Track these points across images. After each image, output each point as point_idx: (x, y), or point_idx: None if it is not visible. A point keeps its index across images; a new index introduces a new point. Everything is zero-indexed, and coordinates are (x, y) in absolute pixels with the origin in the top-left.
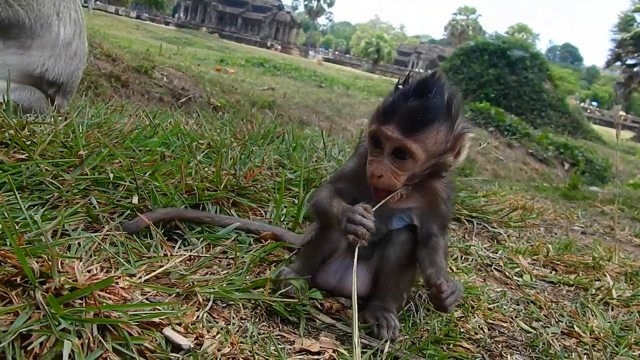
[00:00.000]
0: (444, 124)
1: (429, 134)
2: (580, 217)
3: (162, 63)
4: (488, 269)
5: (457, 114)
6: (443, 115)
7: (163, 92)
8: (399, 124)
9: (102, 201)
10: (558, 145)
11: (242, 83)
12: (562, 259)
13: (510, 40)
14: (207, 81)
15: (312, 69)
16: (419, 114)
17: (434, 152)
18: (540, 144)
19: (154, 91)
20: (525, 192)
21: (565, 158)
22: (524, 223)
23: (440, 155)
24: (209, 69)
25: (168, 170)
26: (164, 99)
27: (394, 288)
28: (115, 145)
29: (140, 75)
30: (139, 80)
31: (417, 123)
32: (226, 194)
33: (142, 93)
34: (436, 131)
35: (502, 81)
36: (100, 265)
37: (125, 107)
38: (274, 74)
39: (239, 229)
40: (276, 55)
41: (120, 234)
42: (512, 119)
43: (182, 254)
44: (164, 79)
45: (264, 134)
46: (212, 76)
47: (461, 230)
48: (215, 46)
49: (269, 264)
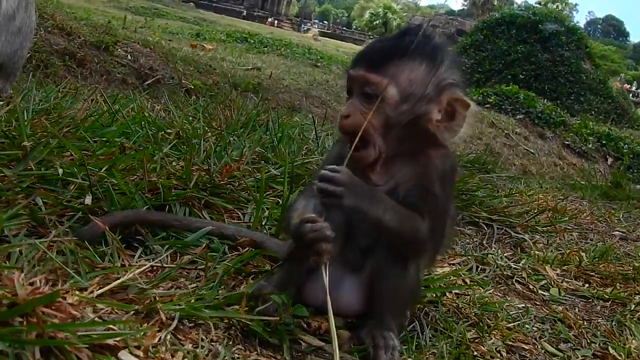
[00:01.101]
0: (422, 63)
1: (401, 68)
2: (622, 221)
3: (126, 38)
4: (509, 282)
5: (442, 60)
6: (421, 53)
7: (127, 73)
8: (366, 61)
9: (49, 202)
10: (599, 136)
11: (222, 62)
12: (597, 269)
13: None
14: (179, 59)
15: (306, 45)
16: (390, 49)
17: (409, 93)
18: (578, 134)
19: (115, 71)
20: (557, 191)
21: (608, 151)
22: (553, 227)
23: (418, 101)
24: (183, 45)
25: (128, 165)
26: (128, 81)
27: (392, 302)
28: (66, 135)
29: (100, 52)
30: (98, 59)
31: (387, 56)
32: (197, 193)
33: (102, 73)
34: (410, 68)
35: (532, 60)
36: (45, 277)
37: (80, 90)
38: (260, 51)
39: (212, 234)
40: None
41: (70, 240)
42: (544, 105)
43: (143, 264)
44: (128, 57)
45: (244, 121)
46: (186, 53)
47: (479, 236)
48: (190, 18)
49: (246, 276)
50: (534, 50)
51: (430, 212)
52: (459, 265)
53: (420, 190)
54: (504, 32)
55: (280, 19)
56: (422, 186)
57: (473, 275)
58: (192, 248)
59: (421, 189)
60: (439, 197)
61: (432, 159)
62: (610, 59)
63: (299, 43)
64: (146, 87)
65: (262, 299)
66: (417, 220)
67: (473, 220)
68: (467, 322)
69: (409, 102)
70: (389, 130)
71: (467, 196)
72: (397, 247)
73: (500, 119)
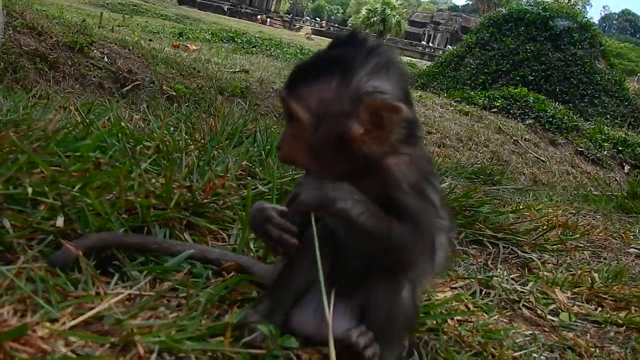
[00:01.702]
0: (333, 78)
1: (311, 88)
2: (639, 236)
3: (102, 38)
4: (515, 306)
5: (359, 67)
6: (332, 67)
7: (103, 76)
8: (288, 83)
9: (17, 224)
10: (615, 142)
11: (207, 64)
12: (610, 292)
13: (553, 7)
14: (160, 61)
15: (298, 45)
16: (305, 68)
17: (323, 112)
18: (592, 140)
19: (91, 74)
20: (569, 205)
21: (625, 158)
22: (563, 245)
23: (334, 119)
24: (164, 45)
25: (103, 183)
26: (105, 85)
27: (385, 330)
28: (37, 150)
29: (74, 53)
30: (72, 61)
31: (300, 78)
32: (178, 213)
33: (76, 77)
34: (319, 86)
35: (543, 60)
36: (14, 308)
37: (53, 97)
38: (248, 52)
39: (194, 258)
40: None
41: (40, 266)
42: (556, 108)
43: (120, 292)
44: (105, 59)
45: (230, 132)
46: (167, 55)
47: (483, 256)
48: (172, 15)
49: (231, 304)
50: (544, 49)
51: (405, 221)
52: (462, 289)
53: (383, 203)
54: (511, 30)
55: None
56: (385, 198)
57: (477, 300)
58: (173, 274)
59: (384, 201)
60: (410, 206)
61: (393, 168)
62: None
63: (290, 42)
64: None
65: (249, 329)
66: (392, 221)
67: (477, 238)
68: (470, 351)
69: (324, 123)
70: (319, 153)
71: (471, 212)
72: (380, 258)
73: (508, 124)
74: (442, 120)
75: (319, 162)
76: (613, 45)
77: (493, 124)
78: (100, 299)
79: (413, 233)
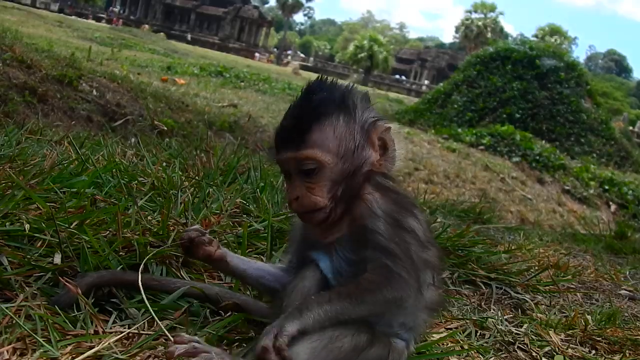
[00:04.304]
0: (339, 115)
1: (323, 132)
2: (629, 278)
3: (91, 71)
4: (510, 348)
5: (355, 104)
6: (333, 106)
7: (92, 109)
8: (289, 142)
9: (15, 261)
10: (602, 181)
11: (195, 98)
12: (604, 334)
13: (539, 46)
14: (149, 95)
15: (286, 80)
16: (305, 118)
17: (343, 150)
18: (579, 178)
19: (80, 108)
20: (559, 245)
21: (611, 197)
22: (556, 287)
23: (354, 153)
24: (153, 79)
25: (100, 220)
26: (93, 119)
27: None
28: (33, 186)
29: (63, 87)
30: (60, 94)
31: (305, 127)
32: (175, 250)
33: (65, 110)
34: (331, 126)
35: (529, 98)
36: (13, 347)
37: (44, 131)
38: (236, 86)
39: (191, 295)
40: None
41: (39, 305)
42: (542, 147)
43: (118, 331)
44: (94, 92)
45: (223, 168)
46: (156, 89)
47: (476, 296)
48: (161, 49)
49: (229, 344)
50: (530, 87)
51: (381, 251)
52: (456, 330)
53: (360, 234)
54: (498, 68)
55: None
56: (362, 229)
57: (472, 341)
58: (171, 312)
59: (361, 232)
60: (386, 235)
61: (370, 200)
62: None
63: (278, 78)
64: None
65: None
66: (362, 284)
67: (470, 278)
68: None
69: (345, 158)
70: (337, 189)
71: (464, 252)
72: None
73: (495, 161)
74: (430, 157)
75: (335, 201)
76: (599, 84)
77: (480, 162)
78: (99, 338)
79: (388, 268)
